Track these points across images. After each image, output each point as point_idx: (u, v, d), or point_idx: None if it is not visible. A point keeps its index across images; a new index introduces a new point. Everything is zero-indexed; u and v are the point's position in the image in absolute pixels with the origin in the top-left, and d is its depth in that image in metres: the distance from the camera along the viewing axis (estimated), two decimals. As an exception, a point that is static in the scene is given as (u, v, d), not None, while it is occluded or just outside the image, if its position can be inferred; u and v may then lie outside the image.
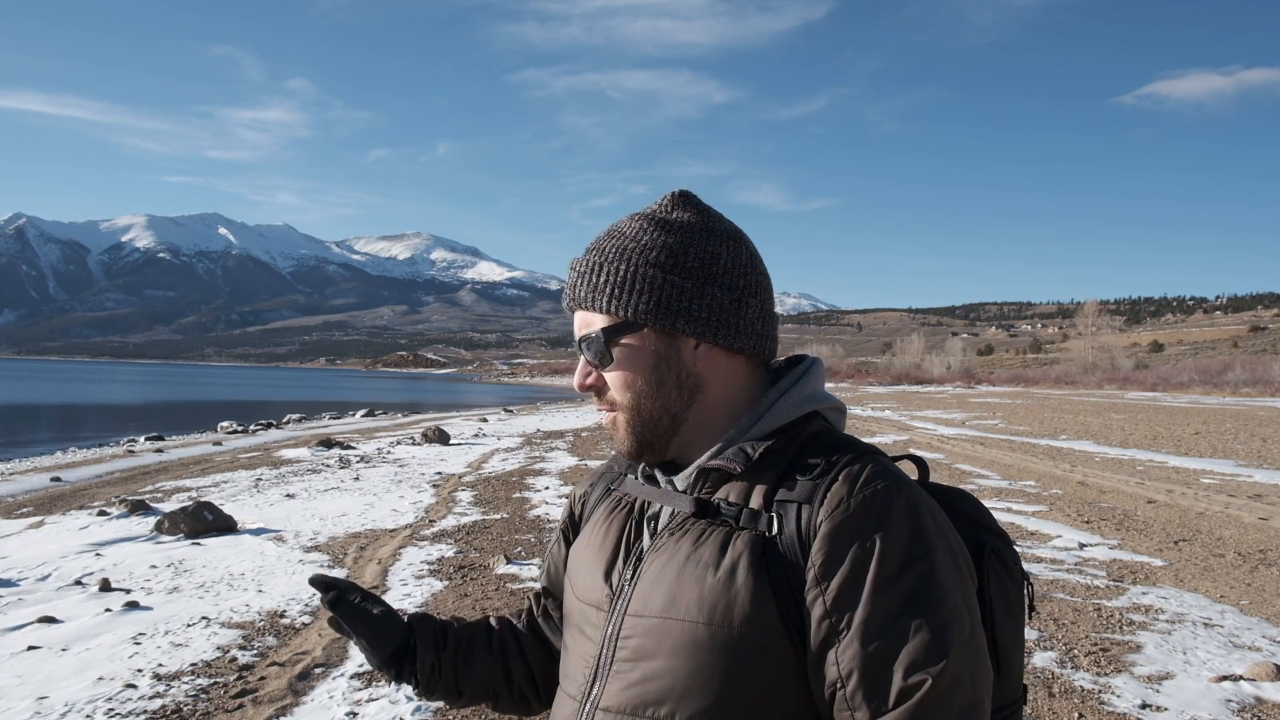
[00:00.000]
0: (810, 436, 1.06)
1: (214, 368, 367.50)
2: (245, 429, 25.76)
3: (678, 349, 1.07)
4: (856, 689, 0.92)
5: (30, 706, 3.93)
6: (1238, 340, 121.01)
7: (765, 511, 1.00)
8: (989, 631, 1.01)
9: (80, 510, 9.89)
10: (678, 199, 1.11)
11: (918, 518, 0.96)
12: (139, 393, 66.74)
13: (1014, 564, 1.08)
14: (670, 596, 0.99)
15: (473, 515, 9.28)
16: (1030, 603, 1.10)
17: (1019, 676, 1.08)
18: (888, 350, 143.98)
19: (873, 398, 54.67)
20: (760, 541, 0.98)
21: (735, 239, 1.09)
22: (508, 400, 59.09)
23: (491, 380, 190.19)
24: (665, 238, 1.06)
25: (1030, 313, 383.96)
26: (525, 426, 25.29)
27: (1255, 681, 4.45)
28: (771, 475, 1.02)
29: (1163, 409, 34.41)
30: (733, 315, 1.06)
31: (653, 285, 1.04)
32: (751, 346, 1.08)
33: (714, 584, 0.97)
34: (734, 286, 1.06)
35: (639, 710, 0.99)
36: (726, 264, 1.07)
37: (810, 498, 0.98)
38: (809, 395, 1.09)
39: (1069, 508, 10.03)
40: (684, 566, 1.00)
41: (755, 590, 0.95)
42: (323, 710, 3.99)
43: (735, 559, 0.97)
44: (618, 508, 1.16)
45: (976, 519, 1.09)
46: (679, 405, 1.08)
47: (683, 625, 0.97)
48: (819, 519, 0.96)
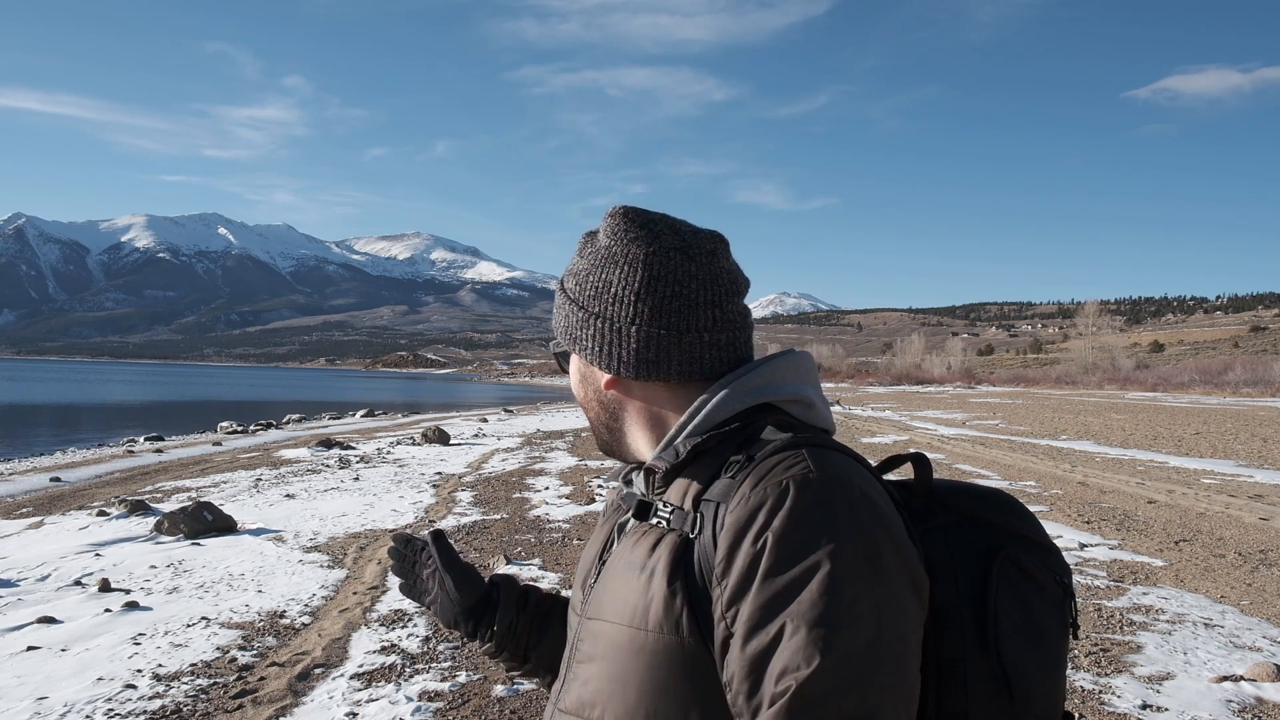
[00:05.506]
0: (754, 432, 1.00)
1: (214, 368, 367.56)
2: (245, 429, 25.75)
3: (592, 370, 1.10)
4: (739, 692, 0.86)
5: (30, 707, 3.93)
6: (1238, 340, 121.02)
7: (692, 511, 0.96)
8: (994, 651, 0.92)
9: (80, 510, 9.88)
10: (606, 220, 1.08)
11: (824, 513, 0.87)
12: (138, 393, 66.72)
13: (1038, 573, 0.97)
14: (609, 599, 0.99)
15: (473, 515, 9.28)
16: (1073, 620, 0.99)
17: (1047, 708, 0.95)
18: (888, 350, 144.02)
19: (873, 398, 54.68)
20: (683, 543, 0.95)
21: (634, 265, 1.03)
22: (508, 400, 59.07)
23: (491, 380, 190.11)
24: (578, 263, 1.10)
25: (1030, 313, 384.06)
26: (525, 427, 25.28)
27: (1256, 682, 4.44)
28: (705, 474, 0.98)
29: (1163, 409, 34.40)
30: (615, 346, 1.04)
31: (563, 310, 1.11)
32: (644, 373, 1.04)
33: (636, 586, 0.96)
34: (617, 317, 1.03)
35: (580, 711, 0.99)
36: (616, 292, 1.03)
37: (726, 496, 0.93)
38: (755, 388, 1.03)
39: (1069, 508, 10.03)
40: (619, 569, 1.00)
41: (667, 593, 0.92)
42: (322, 710, 3.99)
43: (655, 561, 0.95)
44: (609, 509, 1.17)
45: (994, 523, 0.99)
46: (606, 418, 1.12)
47: (611, 627, 0.97)
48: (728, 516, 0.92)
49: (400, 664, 4.60)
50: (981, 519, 1.00)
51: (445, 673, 4.48)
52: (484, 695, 4.19)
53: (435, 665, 4.59)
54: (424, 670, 4.52)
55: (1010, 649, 0.93)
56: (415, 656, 4.72)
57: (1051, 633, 0.97)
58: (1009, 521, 1.01)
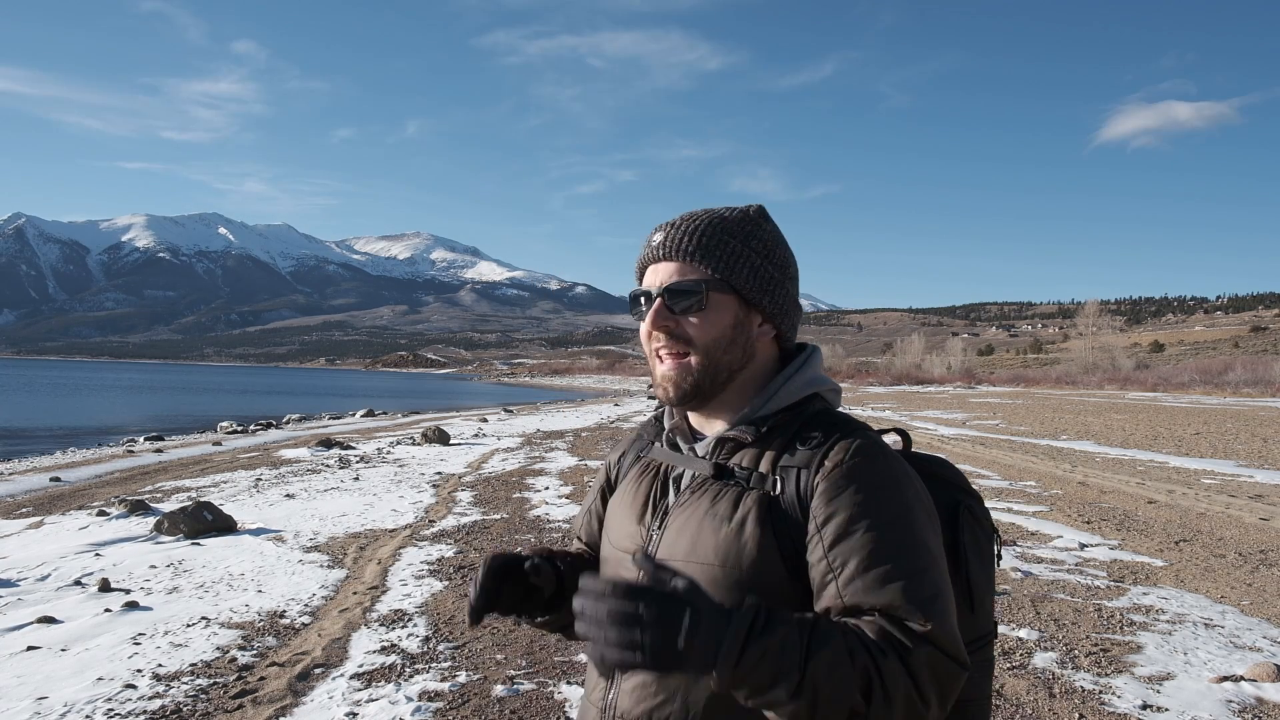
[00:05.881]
0: (811, 414, 1.31)
1: (214, 368, 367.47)
2: (245, 429, 25.76)
3: (750, 320, 1.33)
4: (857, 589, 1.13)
5: (30, 707, 3.93)
6: (1238, 340, 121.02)
7: (771, 475, 1.25)
8: (964, 574, 1.29)
9: (80, 510, 9.89)
10: (761, 211, 1.38)
11: (898, 480, 1.20)
12: (138, 393, 66.72)
13: (985, 518, 1.37)
14: (691, 544, 1.24)
15: (473, 515, 9.28)
16: (998, 551, 1.37)
17: (990, 614, 1.35)
18: (888, 350, 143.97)
19: (873, 398, 54.66)
20: (766, 499, 1.23)
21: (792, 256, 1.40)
22: (507, 400, 59.05)
23: (491, 380, 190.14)
24: (762, 233, 1.35)
25: (1031, 313, 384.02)
26: (525, 427, 25.27)
27: (1256, 682, 4.44)
28: (778, 445, 1.27)
29: (1163, 409, 34.39)
30: (792, 308, 1.37)
31: (752, 265, 1.32)
32: (789, 335, 1.38)
33: (728, 533, 1.22)
34: (795, 289, 1.38)
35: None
36: (793, 271, 1.38)
37: (808, 464, 1.23)
38: (811, 379, 1.34)
39: (1069, 508, 10.03)
40: (703, 519, 1.25)
41: (761, 539, 1.20)
42: (322, 710, 3.99)
43: (745, 513, 1.22)
44: (646, 470, 1.41)
45: (953, 481, 1.36)
46: (738, 364, 1.32)
47: (702, 567, 1.21)
48: (816, 480, 1.21)
49: (400, 664, 4.60)
50: (941, 477, 1.36)
51: (445, 673, 4.48)
52: (484, 695, 4.19)
53: (435, 665, 4.59)
54: (424, 670, 4.52)
55: (974, 574, 1.31)
56: (415, 656, 4.72)
57: (991, 562, 1.37)
58: (956, 479, 1.38)
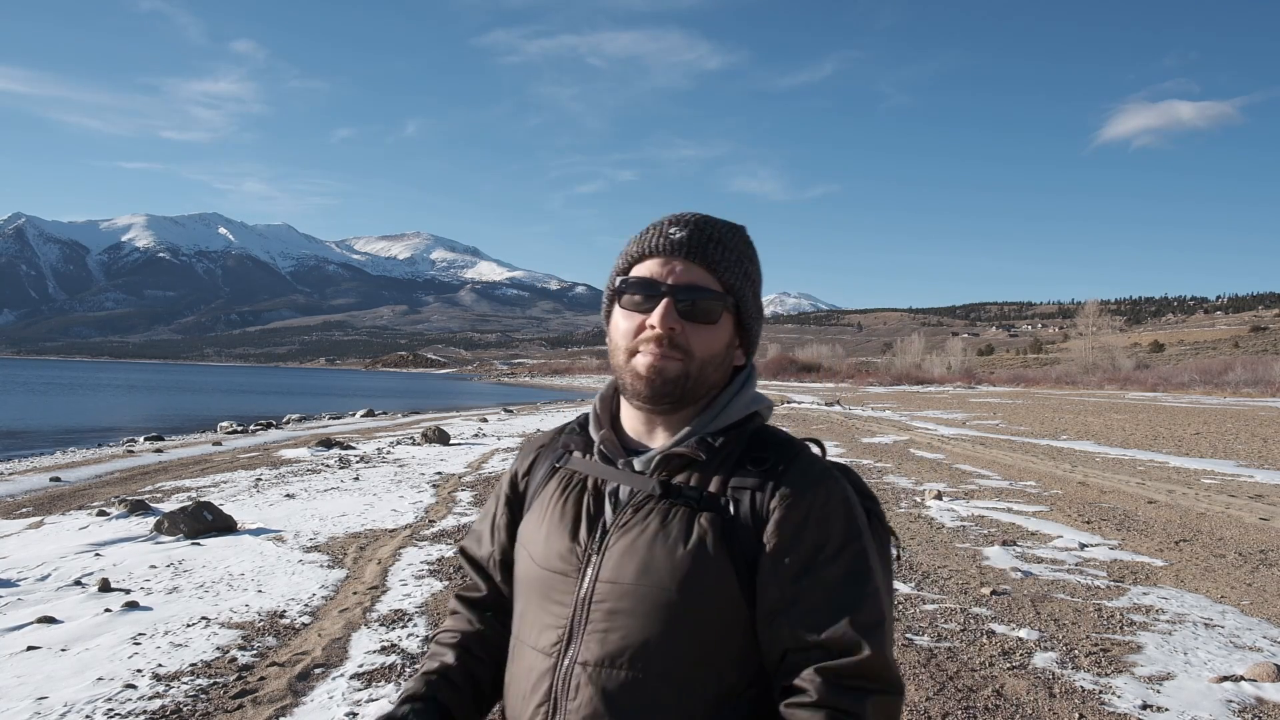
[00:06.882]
0: (754, 432, 1.31)
1: (213, 368, 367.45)
2: (245, 429, 25.75)
3: (734, 339, 1.33)
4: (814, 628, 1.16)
5: (30, 707, 3.92)
6: (1238, 340, 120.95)
7: (722, 495, 1.23)
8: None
9: (80, 510, 9.88)
10: (741, 230, 1.37)
11: (850, 505, 1.23)
12: (138, 393, 66.71)
13: (884, 522, 1.34)
14: (642, 567, 1.20)
15: (473, 515, 9.28)
16: (898, 554, 1.37)
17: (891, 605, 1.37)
18: (888, 350, 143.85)
19: (873, 398, 54.66)
20: (721, 521, 1.21)
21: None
22: (508, 400, 59.04)
23: (491, 380, 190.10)
24: (757, 258, 1.37)
25: (1031, 313, 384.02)
26: (525, 426, 25.28)
27: (1256, 682, 4.44)
28: (727, 464, 1.26)
29: (1163, 409, 34.38)
30: (758, 334, 1.38)
31: (754, 291, 1.35)
32: (747, 360, 1.38)
33: (683, 556, 1.19)
34: (762, 312, 1.38)
35: (615, 661, 1.18)
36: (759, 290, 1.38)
37: (762, 486, 1.22)
38: (754, 396, 1.35)
39: (1069, 508, 10.03)
40: (653, 541, 1.21)
41: (719, 563, 1.18)
42: (322, 710, 3.99)
43: (702, 535, 1.19)
44: (571, 484, 1.33)
45: (862, 490, 1.32)
46: (720, 377, 1.32)
47: (656, 590, 1.18)
48: (771, 504, 1.21)
49: (400, 664, 4.60)
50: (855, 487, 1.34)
51: (445, 673, 4.47)
52: (484, 695, 4.18)
53: (435, 665, 4.58)
54: (424, 670, 4.51)
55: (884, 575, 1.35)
56: (415, 656, 4.71)
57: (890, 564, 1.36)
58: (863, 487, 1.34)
